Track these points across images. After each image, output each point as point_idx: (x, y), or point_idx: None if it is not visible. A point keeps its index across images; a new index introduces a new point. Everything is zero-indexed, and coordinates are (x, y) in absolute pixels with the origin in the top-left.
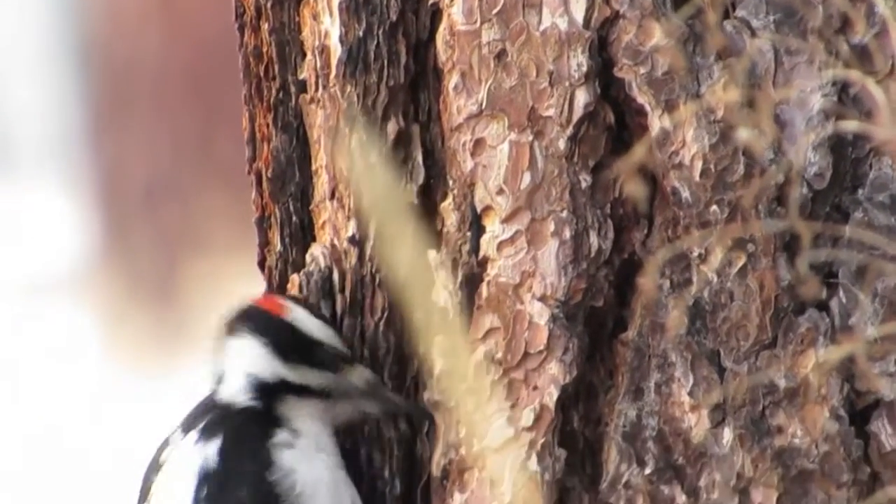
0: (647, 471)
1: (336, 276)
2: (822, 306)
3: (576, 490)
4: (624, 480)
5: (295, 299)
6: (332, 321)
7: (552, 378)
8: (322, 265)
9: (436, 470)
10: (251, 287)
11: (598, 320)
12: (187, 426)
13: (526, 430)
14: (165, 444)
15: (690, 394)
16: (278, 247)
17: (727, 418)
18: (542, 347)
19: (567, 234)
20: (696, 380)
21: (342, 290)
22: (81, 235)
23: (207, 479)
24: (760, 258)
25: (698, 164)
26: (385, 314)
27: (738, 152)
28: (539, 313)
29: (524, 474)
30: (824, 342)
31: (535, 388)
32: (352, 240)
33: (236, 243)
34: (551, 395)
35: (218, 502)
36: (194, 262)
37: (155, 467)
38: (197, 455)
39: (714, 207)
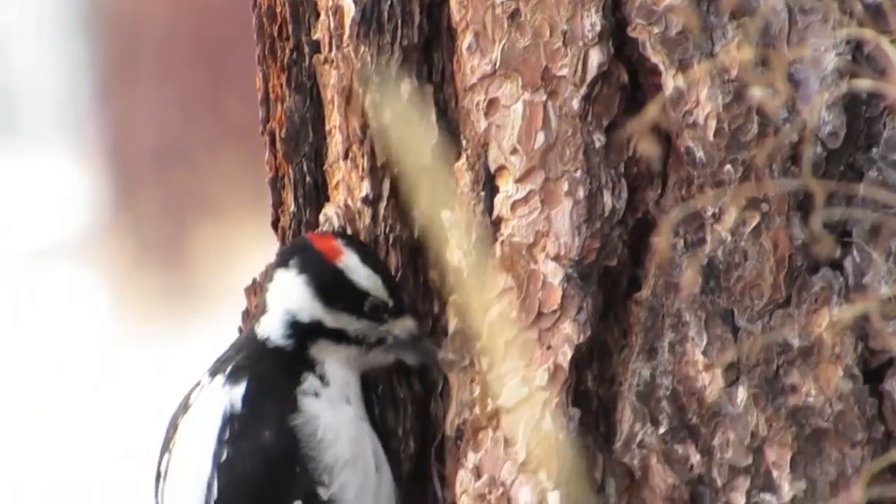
0: (661, 430)
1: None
2: (836, 265)
3: (590, 449)
4: (638, 440)
5: (353, 242)
6: (385, 268)
7: (566, 338)
8: (336, 225)
9: (450, 429)
10: (260, 249)
11: (612, 280)
12: (216, 369)
13: (540, 390)
14: (196, 385)
15: (704, 353)
16: (292, 207)
17: (741, 377)
18: (555, 307)
19: (581, 193)
20: (710, 339)
21: None
22: (90, 199)
23: (231, 421)
24: (774, 217)
25: (712, 124)
26: (398, 273)
27: (752, 111)
28: (553, 273)
29: (538, 434)
30: (838, 301)
31: (549, 347)
32: (365, 200)
33: (245, 206)
34: (565, 355)
35: (240, 443)
36: (203, 224)
37: (183, 408)
38: (223, 397)
39: (728, 167)
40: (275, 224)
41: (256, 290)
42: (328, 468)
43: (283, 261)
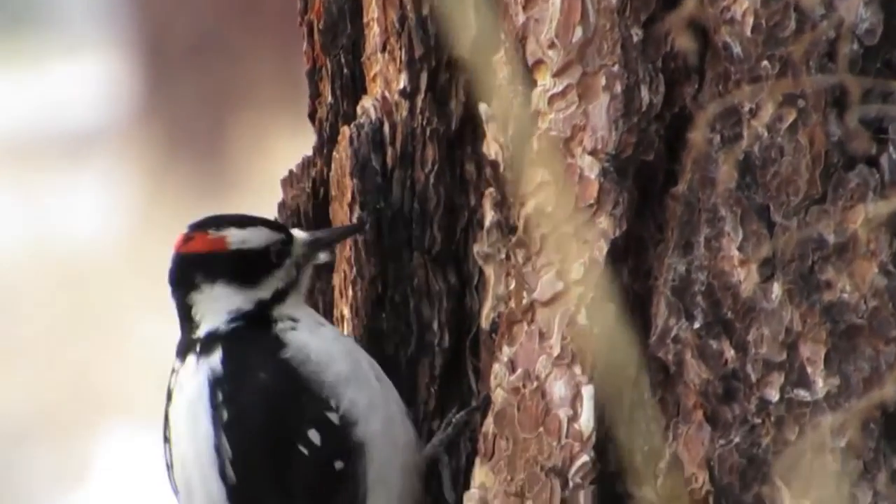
0: (696, 325)
1: (387, 128)
2: (872, 162)
3: (624, 344)
4: (673, 335)
5: (215, 220)
6: (256, 217)
7: (602, 231)
8: (373, 117)
9: (485, 323)
10: (296, 141)
11: (649, 174)
12: (183, 353)
13: (575, 284)
14: (172, 372)
15: (740, 248)
16: (329, 99)
17: (776, 273)
18: (592, 201)
19: (618, 88)
20: (746, 234)
21: (392, 142)
22: (126, 91)
23: (218, 384)
24: (811, 113)
25: (749, 20)
26: (435, 167)
27: (790, 7)
28: (589, 167)
29: (573, 328)
30: (874, 197)
31: (585, 241)
32: (403, 92)
33: (281, 99)
34: (601, 249)
35: (237, 397)
36: (239, 116)
37: (168, 397)
38: (201, 368)
39: (765, 62)
40: (311, 116)
41: (293, 181)
42: (332, 388)
43: (189, 284)
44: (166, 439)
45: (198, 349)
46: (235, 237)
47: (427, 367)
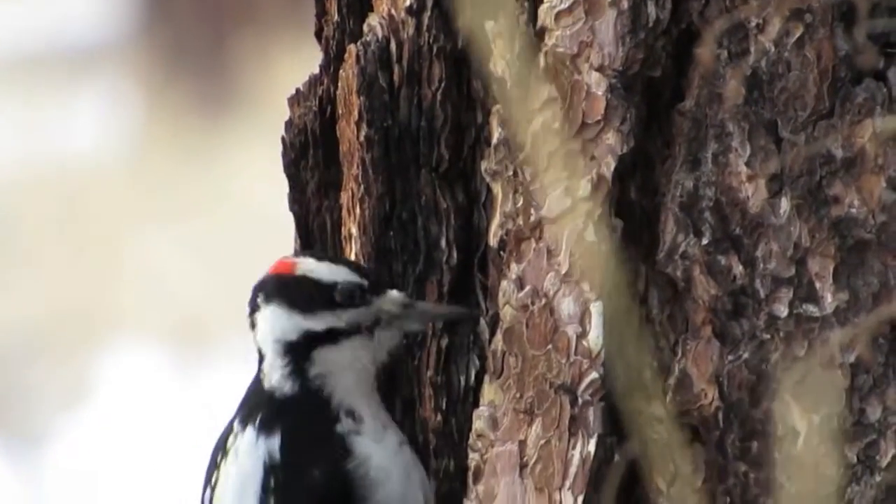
0: (704, 241)
1: (393, 46)
2: (880, 76)
3: (632, 260)
4: (681, 251)
5: (308, 251)
6: (346, 259)
7: (609, 148)
8: (379, 35)
9: (492, 240)
10: (299, 59)
11: (656, 90)
12: (244, 418)
13: (583, 200)
14: (230, 429)
15: (748, 164)
16: (335, 17)
17: (784, 188)
18: (599, 117)
19: (625, 3)
20: (754, 150)
21: (399, 60)
22: (128, 6)
23: (273, 471)
24: (818, 28)
25: None
26: (442, 84)
27: None
28: (597, 83)
29: (581, 244)
30: (881, 112)
31: (593, 158)
32: (409, 10)
33: (282, 14)
34: (608, 166)
35: (288, 490)
36: (241, 32)
37: (222, 451)
38: (261, 447)
39: None
40: (318, 34)
41: (300, 100)
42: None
43: (253, 305)
44: (208, 482)
45: (258, 422)
46: (306, 265)
47: (435, 285)
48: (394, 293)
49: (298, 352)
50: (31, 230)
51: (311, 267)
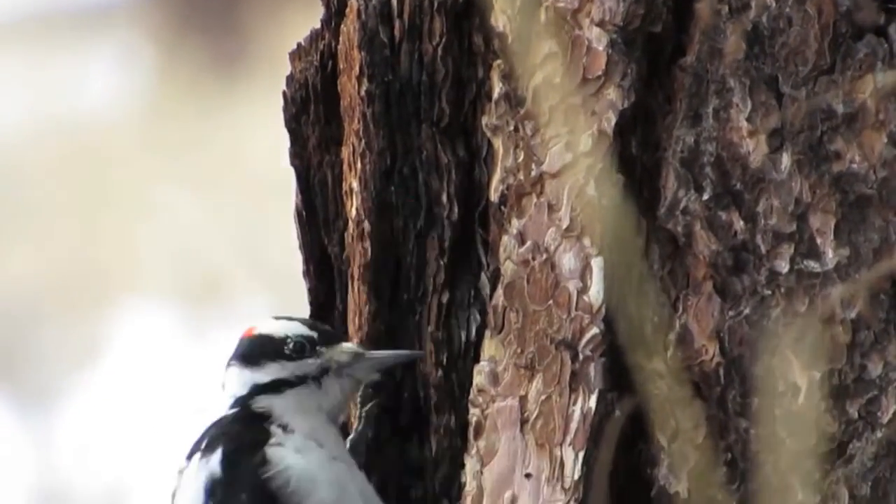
0: (705, 196)
1: (395, 1)
2: (881, 31)
3: (634, 215)
4: (682, 206)
5: (274, 317)
6: (305, 318)
7: (610, 103)
8: None
9: (493, 195)
10: (312, 14)
11: (657, 46)
12: (192, 452)
13: (584, 156)
14: (178, 473)
15: (748, 119)
16: None
17: (785, 144)
18: (600, 73)
19: None
20: (755, 105)
21: (400, 15)
22: None
23: (213, 487)
24: None
25: None
26: (443, 39)
27: None
28: (598, 38)
29: (582, 199)
30: (882, 67)
31: (594, 113)
32: None
33: None
34: (609, 121)
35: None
36: None
37: (172, 495)
38: (203, 470)
39: None
40: None
41: (301, 54)
42: None
43: (224, 370)
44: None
45: (202, 448)
46: (264, 325)
47: (436, 240)
48: (345, 345)
49: (243, 400)
50: (44, 188)
51: (267, 326)
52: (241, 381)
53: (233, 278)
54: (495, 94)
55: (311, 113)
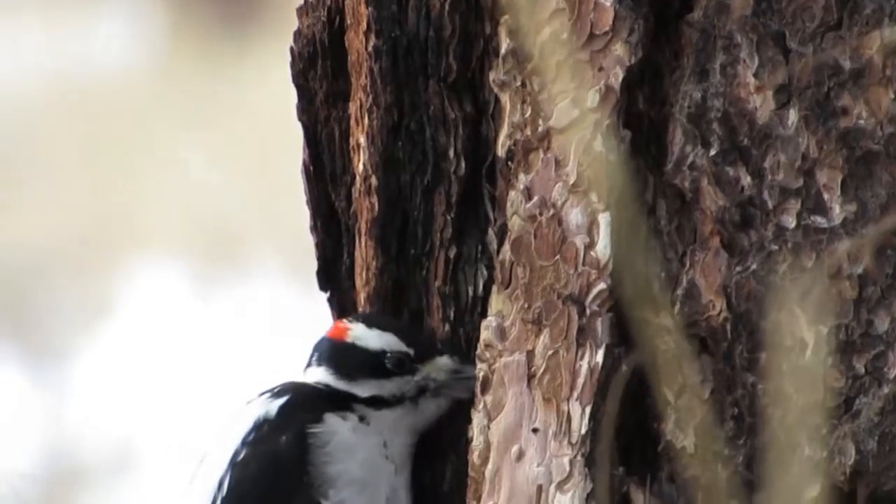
0: (712, 152)
1: None
2: None
3: (641, 171)
4: (689, 161)
5: (362, 315)
6: (397, 325)
7: (618, 59)
8: None
9: (500, 150)
10: None
11: (664, 1)
12: (262, 392)
13: (591, 111)
14: (246, 403)
15: (756, 75)
16: None
17: (792, 99)
18: (607, 28)
19: None
20: (762, 61)
21: None
22: None
23: (261, 425)
24: None
25: None
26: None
27: None
28: None
29: (589, 155)
30: (889, 23)
31: (601, 69)
32: None
33: None
34: (616, 76)
35: (258, 445)
36: None
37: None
38: (263, 405)
39: None
40: None
41: (308, 10)
42: (331, 481)
43: (308, 363)
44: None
45: (275, 389)
46: (356, 331)
47: (443, 196)
48: (441, 360)
49: (337, 392)
50: (55, 146)
51: (360, 334)
52: (336, 385)
53: (244, 235)
54: (503, 50)
55: (319, 68)
